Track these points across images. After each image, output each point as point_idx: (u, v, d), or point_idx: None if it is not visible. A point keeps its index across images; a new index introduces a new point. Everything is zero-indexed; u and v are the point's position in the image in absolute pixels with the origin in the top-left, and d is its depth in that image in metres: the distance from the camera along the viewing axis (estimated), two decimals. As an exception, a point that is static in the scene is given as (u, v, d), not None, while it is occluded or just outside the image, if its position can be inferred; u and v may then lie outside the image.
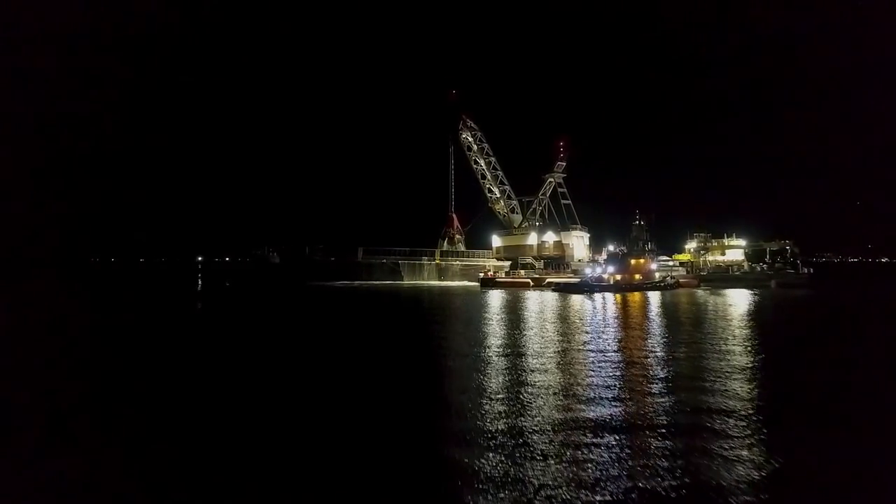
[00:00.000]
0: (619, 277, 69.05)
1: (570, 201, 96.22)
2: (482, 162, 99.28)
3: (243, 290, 75.09)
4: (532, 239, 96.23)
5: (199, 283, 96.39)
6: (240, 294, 68.13)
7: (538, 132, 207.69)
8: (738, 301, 53.49)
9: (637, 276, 71.13)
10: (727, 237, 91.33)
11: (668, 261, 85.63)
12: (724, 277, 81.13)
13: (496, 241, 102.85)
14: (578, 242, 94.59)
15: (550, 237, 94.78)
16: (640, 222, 76.06)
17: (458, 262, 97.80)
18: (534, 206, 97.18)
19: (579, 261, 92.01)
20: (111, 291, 73.35)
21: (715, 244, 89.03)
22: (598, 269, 70.59)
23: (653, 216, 77.06)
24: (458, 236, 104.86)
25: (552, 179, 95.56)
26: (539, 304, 48.02)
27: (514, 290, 72.15)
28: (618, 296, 61.62)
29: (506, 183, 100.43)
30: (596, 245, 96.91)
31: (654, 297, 58.19)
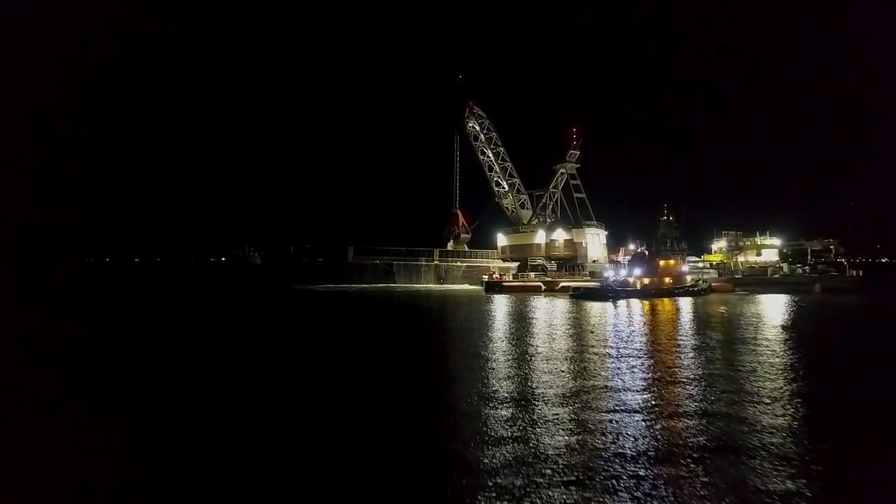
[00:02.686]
0: (646, 281, 59.33)
1: (583, 195, 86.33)
2: (489, 152, 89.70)
3: (202, 296, 65.58)
4: (540, 237, 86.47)
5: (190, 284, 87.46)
6: (191, 302, 58.60)
7: (549, 120, 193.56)
8: (790, 311, 43.81)
9: (667, 280, 61.38)
10: (759, 235, 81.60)
11: (697, 262, 75.78)
12: (761, 281, 71.36)
13: (501, 239, 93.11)
14: (593, 241, 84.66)
15: (561, 235, 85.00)
16: (668, 218, 66.22)
17: (459, 264, 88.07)
18: (544, 201, 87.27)
19: (594, 261, 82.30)
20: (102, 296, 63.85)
21: (748, 243, 79.22)
22: (623, 272, 60.85)
23: (683, 210, 67.26)
24: (463, 235, 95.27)
25: (564, 171, 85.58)
26: (559, 316, 38.33)
27: (524, 296, 62.51)
28: (646, 303, 52.06)
29: (515, 175, 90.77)
30: (612, 244, 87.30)
31: (691, 305, 48.56)
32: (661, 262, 61.86)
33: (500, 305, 49.72)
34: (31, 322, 34.93)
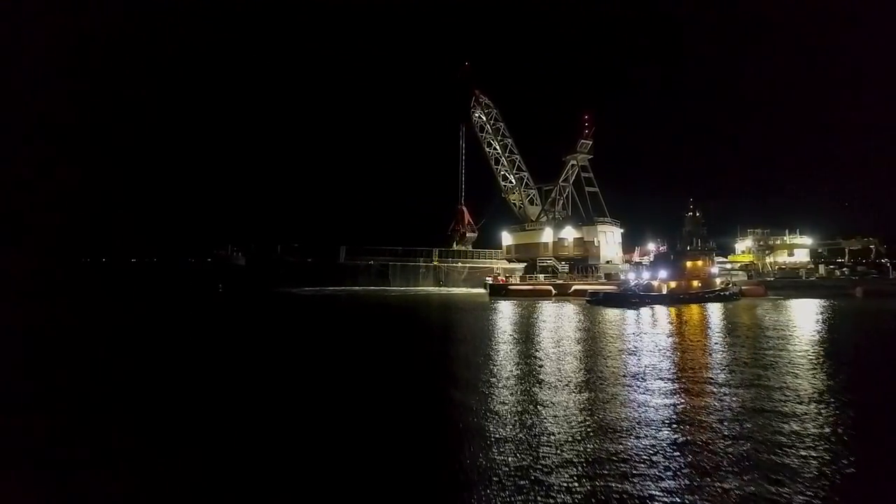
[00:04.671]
0: (672, 285, 52.26)
1: (596, 188, 79.05)
2: (496, 144, 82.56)
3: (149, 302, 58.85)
4: (547, 236, 79.32)
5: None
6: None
7: (560, 108, 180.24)
8: (847, 323, 36.93)
9: (695, 283, 54.35)
10: (789, 234, 74.31)
11: (724, 262, 68.59)
12: (795, 284, 64.18)
13: (507, 238, 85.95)
14: (607, 239, 77.37)
15: (570, 233, 77.78)
16: (694, 214, 59.14)
17: (461, 265, 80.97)
18: (553, 195, 79.98)
19: (607, 262, 75.19)
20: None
21: (779, 242, 71.91)
22: (646, 275, 53.68)
23: (712, 206, 60.33)
24: (469, 234, 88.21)
25: (575, 162, 78.29)
26: (582, 332, 31.34)
27: (533, 301, 55.59)
28: (672, 310, 45.22)
29: (523, 168, 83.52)
30: (626, 243, 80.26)
31: (731, 315, 41.64)
32: (689, 264, 54.82)
33: (508, 315, 42.70)
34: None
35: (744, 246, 75.22)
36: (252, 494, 9.18)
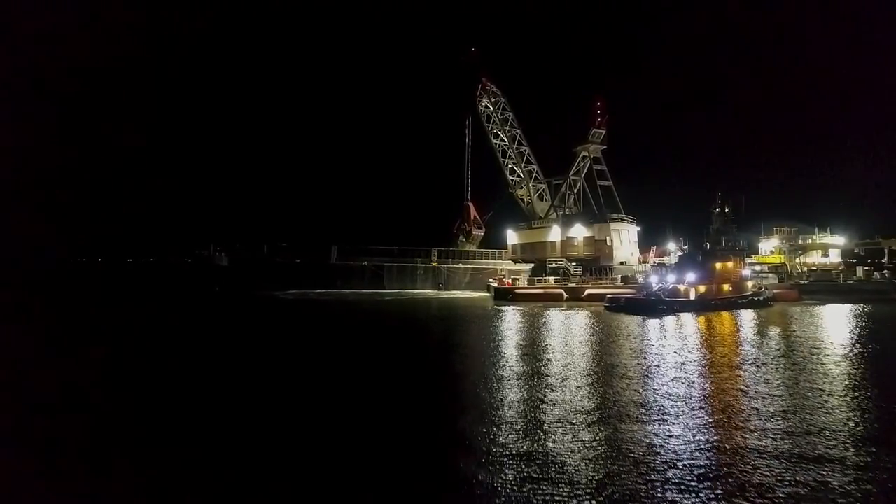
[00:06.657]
0: (702, 289, 46.12)
1: (610, 182, 72.72)
2: (504, 135, 76.29)
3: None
4: (555, 234, 73.10)
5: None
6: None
7: (572, 96, 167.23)
8: None
9: (726, 287, 48.21)
10: (819, 232, 67.86)
11: (754, 264, 62.34)
12: (831, 288, 57.97)
13: (512, 237, 79.71)
14: (622, 238, 71.13)
15: (580, 231, 71.53)
16: (722, 210, 52.98)
17: (462, 266, 74.83)
18: (563, 190, 73.59)
19: (622, 263, 68.98)
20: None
21: (810, 241, 65.46)
22: (671, 277, 47.43)
23: (743, 201, 54.09)
24: (476, 231, 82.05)
25: (586, 153, 71.98)
26: (612, 351, 25.36)
27: (542, 307, 49.55)
28: (702, 318, 39.44)
29: (532, 161, 77.15)
30: (642, 242, 74.03)
31: (773, 324, 35.83)
32: (718, 265, 48.66)
33: (515, 326, 36.63)
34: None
35: (770, 245, 68.86)
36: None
